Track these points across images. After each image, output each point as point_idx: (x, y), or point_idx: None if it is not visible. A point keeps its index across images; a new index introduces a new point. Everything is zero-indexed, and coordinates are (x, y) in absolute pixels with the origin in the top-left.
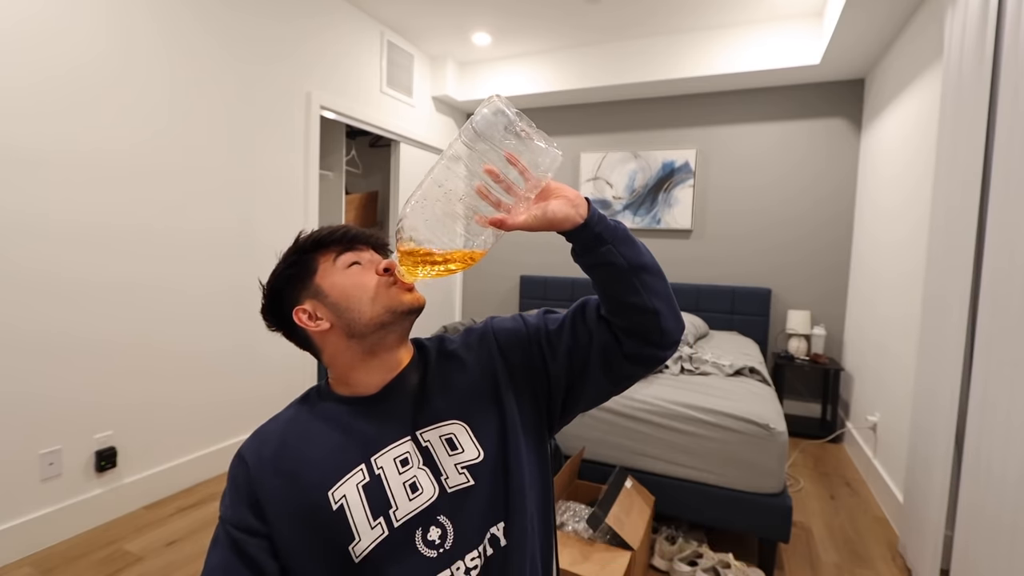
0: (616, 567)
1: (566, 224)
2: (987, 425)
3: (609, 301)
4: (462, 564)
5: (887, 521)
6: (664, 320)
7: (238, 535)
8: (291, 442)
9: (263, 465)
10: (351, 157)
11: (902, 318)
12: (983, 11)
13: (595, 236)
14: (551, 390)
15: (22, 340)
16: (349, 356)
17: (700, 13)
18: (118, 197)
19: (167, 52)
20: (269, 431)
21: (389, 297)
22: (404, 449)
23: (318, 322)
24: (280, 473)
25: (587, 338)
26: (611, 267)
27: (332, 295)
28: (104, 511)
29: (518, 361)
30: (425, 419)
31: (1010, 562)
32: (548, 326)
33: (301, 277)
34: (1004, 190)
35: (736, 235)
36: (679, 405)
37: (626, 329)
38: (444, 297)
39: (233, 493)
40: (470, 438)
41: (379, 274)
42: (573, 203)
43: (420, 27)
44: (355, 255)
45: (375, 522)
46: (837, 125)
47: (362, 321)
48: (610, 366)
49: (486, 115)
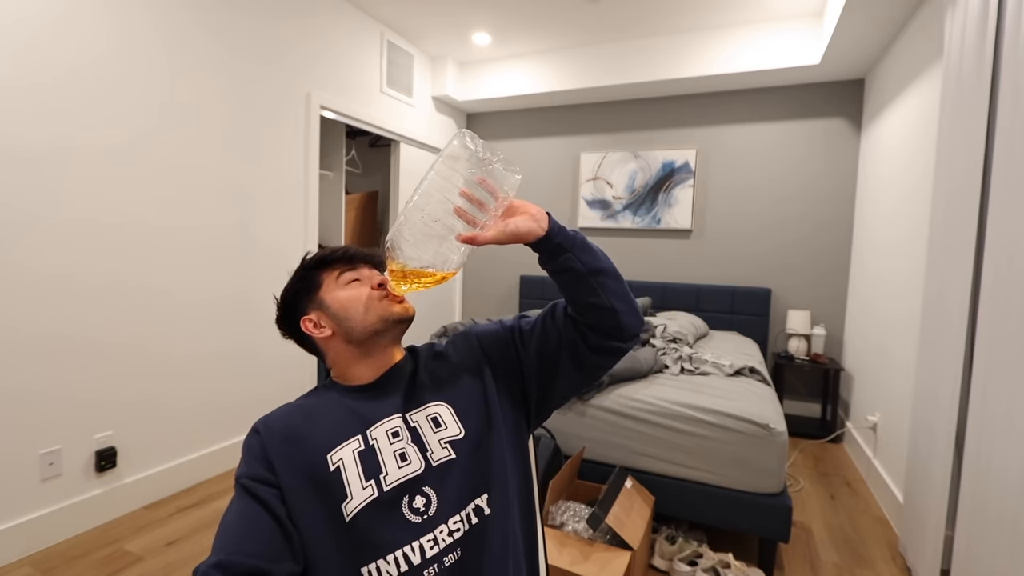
0: (616, 567)
1: (529, 237)
2: (987, 425)
3: (573, 302)
4: (445, 527)
5: (887, 521)
6: (623, 317)
7: (251, 484)
8: (299, 417)
9: (273, 434)
10: (351, 157)
11: (902, 318)
12: (983, 11)
13: (556, 246)
14: (525, 383)
15: (22, 340)
16: (348, 356)
17: (700, 13)
18: (118, 197)
19: (166, 52)
20: (281, 410)
21: (382, 308)
22: (395, 424)
23: (321, 329)
24: (288, 440)
25: (556, 334)
26: (572, 272)
27: (333, 307)
28: (104, 511)
29: (498, 358)
30: (414, 403)
31: (1011, 562)
32: (522, 327)
33: (308, 291)
34: (1004, 190)
35: (736, 235)
36: (679, 405)
37: (590, 325)
38: (445, 297)
39: (248, 455)
40: (453, 417)
41: (373, 288)
42: (535, 218)
43: (420, 27)
44: (355, 273)
45: (367, 483)
46: (837, 125)
47: (359, 329)
48: (578, 358)
49: (455, 147)
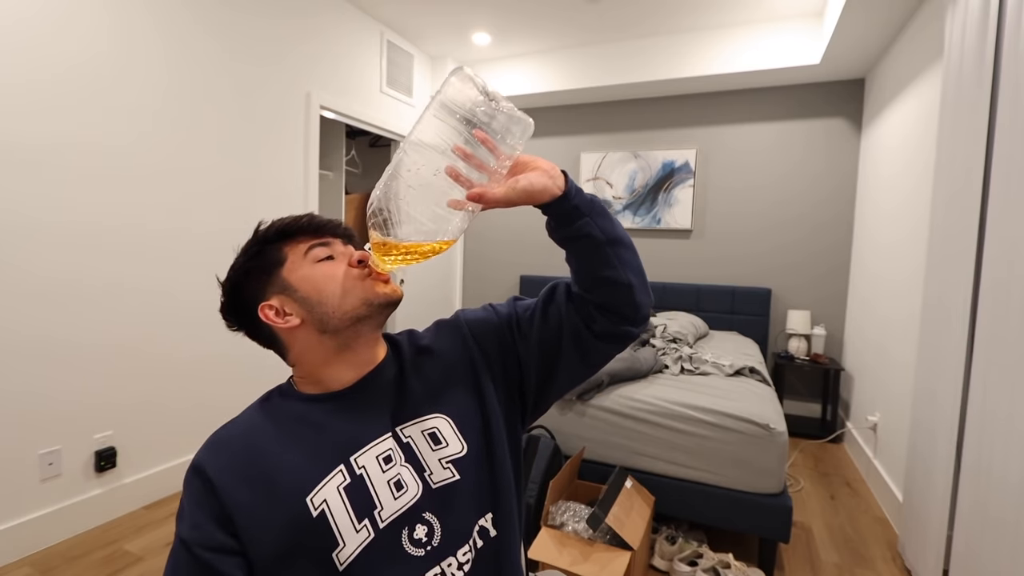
0: (616, 567)
1: (544, 196)
2: (987, 425)
3: (584, 276)
4: (454, 560)
5: (887, 521)
6: (637, 293)
7: (208, 556)
8: (258, 446)
9: (227, 475)
10: (351, 157)
11: (902, 318)
12: (983, 11)
13: (572, 209)
14: (524, 379)
15: (23, 341)
16: (321, 352)
17: (700, 13)
18: (117, 198)
19: (166, 52)
20: (229, 437)
21: (364, 289)
22: (387, 446)
23: (287, 318)
24: (249, 481)
25: (558, 320)
26: (588, 239)
27: (302, 289)
28: (104, 511)
29: (492, 350)
30: (405, 415)
31: (1012, 562)
32: (519, 313)
33: (265, 271)
34: (1004, 190)
35: (736, 235)
36: (679, 405)
37: (600, 305)
38: (443, 297)
39: (195, 510)
40: (454, 431)
41: (352, 266)
42: (550, 174)
43: (420, 27)
44: (327, 249)
45: (360, 525)
46: (837, 125)
47: (336, 316)
48: (582, 346)
49: (454, 86)
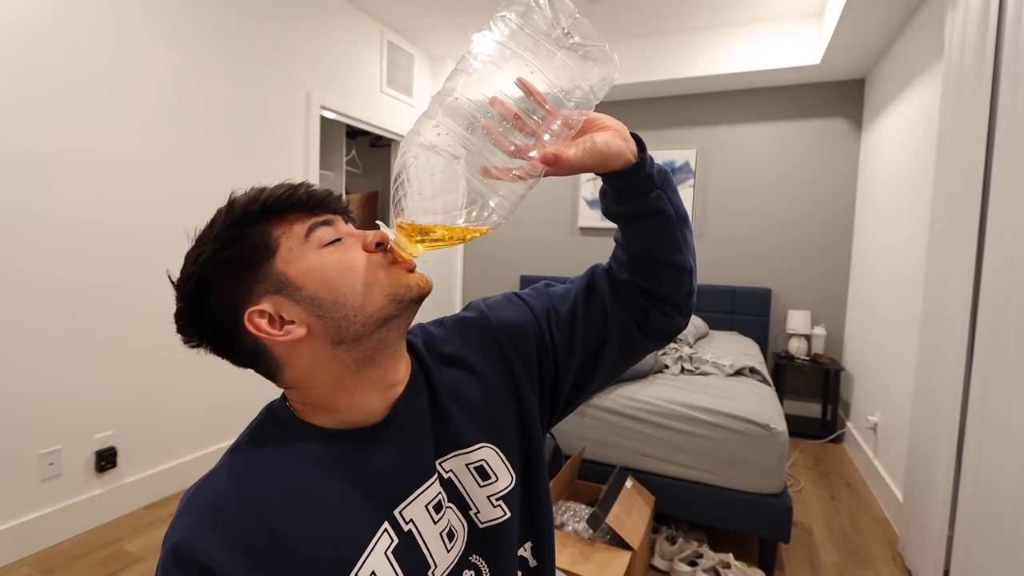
0: (616, 567)
1: (618, 161)
2: (987, 425)
3: (643, 260)
4: None
5: (887, 521)
6: (695, 279)
7: None
8: (270, 510)
9: (231, 559)
10: (351, 157)
11: (902, 318)
12: (984, 11)
13: (647, 178)
14: (557, 382)
15: (23, 341)
16: (336, 371)
17: (700, 13)
18: (117, 199)
19: (166, 53)
20: (221, 500)
21: (391, 282)
22: (434, 492)
23: (287, 328)
24: (265, 563)
25: (602, 317)
26: (661, 217)
27: (308, 286)
28: (104, 511)
29: (531, 356)
30: (445, 446)
31: (1012, 562)
32: (558, 310)
33: (249, 263)
34: (1005, 190)
35: (736, 235)
36: (679, 405)
37: (654, 293)
38: (443, 297)
39: None
40: (502, 462)
41: (369, 251)
42: (622, 135)
43: (420, 27)
44: (332, 230)
45: None
46: (837, 125)
47: (359, 319)
48: (628, 344)
49: (519, 16)
